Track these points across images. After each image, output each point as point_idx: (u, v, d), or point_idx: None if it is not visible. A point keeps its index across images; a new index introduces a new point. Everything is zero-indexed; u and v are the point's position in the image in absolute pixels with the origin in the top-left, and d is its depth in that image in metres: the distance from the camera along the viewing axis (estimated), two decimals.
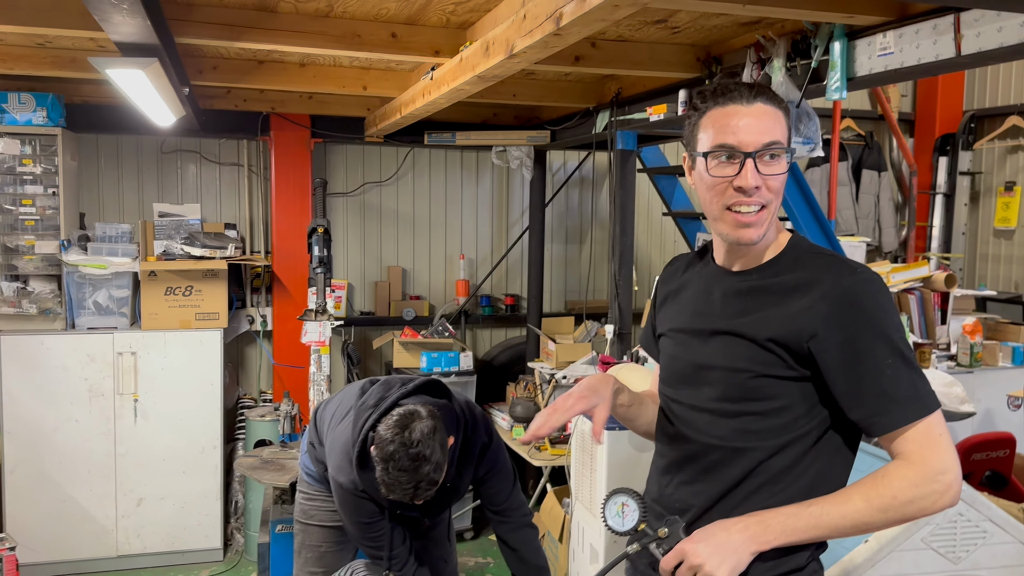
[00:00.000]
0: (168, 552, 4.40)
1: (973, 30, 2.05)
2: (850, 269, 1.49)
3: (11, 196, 4.14)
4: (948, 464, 1.42)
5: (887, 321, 1.45)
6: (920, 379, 1.46)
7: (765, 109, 1.49)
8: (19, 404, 4.15)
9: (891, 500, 1.42)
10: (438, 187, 5.40)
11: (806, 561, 1.52)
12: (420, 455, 2.12)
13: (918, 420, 1.42)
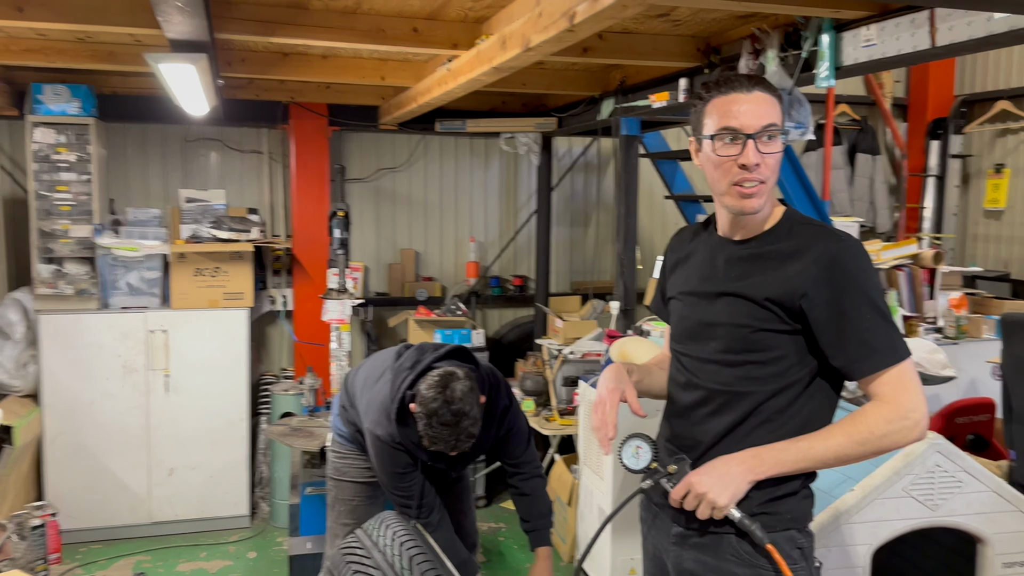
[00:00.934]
0: (198, 519, 4.65)
1: (946, 24, 2.27)
2: (836, 237, 1.72)
3: (47, 183, 4.36)
4: (917, 404, 1.65)
5: (867, 281, 1.68)
6: (895, 331, 1.68)
7: (763, 96, 1.72)
8: (57, 379, 4.39)
9: (868, 434, 1.66)
10: (449, 173, 5.63)
11: (798, 488, 1.77)
12: (460, 411, 2.37)
13: (892, 366, 1.65)
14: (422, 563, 2.58)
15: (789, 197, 4.36)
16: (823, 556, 2.58)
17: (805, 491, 1.79)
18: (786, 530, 1.74)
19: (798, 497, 1.76)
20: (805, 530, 1.79)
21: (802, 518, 1.77)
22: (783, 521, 1.73)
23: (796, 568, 1.73)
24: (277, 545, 4.48)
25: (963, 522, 2.72)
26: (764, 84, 1.73)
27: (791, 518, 1.74)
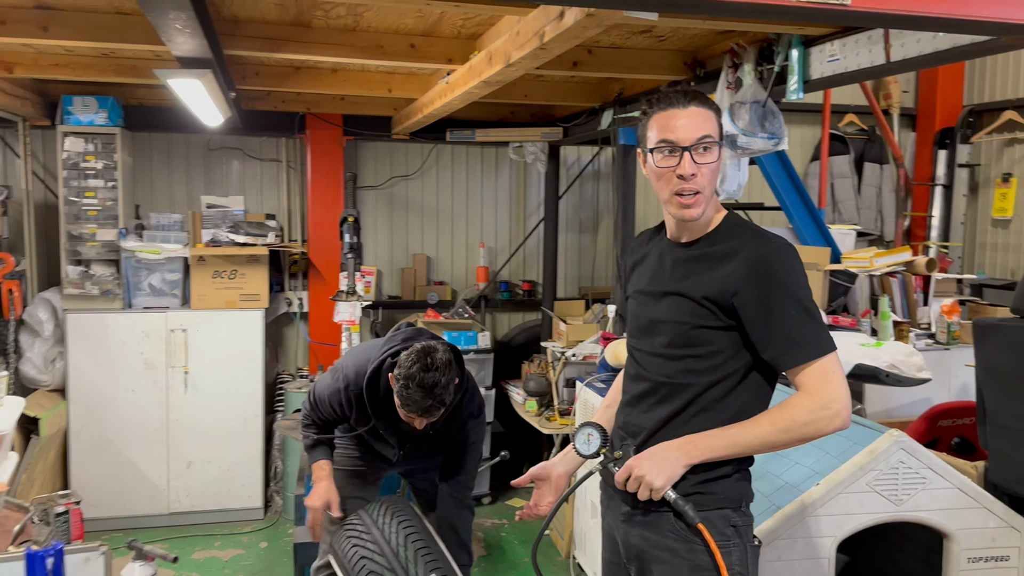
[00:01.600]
0: (214, 510, 4.87)
1: (899, 41, 2.40)
2: (767, 240, 1.87)
3: (76, 189, 4.62)
4: (838, 395, 1.79)
5: (793, 281, 1.81)
6: (819, 328, 1.81)
7: (698, 111, 1.87)
8: (83, 375, 4.64)
9: (791, 423, 1.79)
10: (460, 180, 5.81)
11: (731, 471, 1.91)
12: (435, 381, 2.54)
13: (815, 359, 1.79)
14: (416, 542, 2.76)
15: (785, 207, 4.48)
16: (789, 547, 2.70)
17: (739, 474, 1.93)
18: (720, 508, 1.88)
19: (731, 480, 1.90)
20: (740, 510, 1.92)
21: (736, 498, 1.91)
22: (716, 500, 1.88)
23: (729, 544, 1.87)
24: (288, 536, 4.68)
25: (928, 517, 2.82)
26: (700, 99, 1.88)
27: (724, 497, 1.88)
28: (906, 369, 3.23)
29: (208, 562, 4.35)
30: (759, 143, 3.02)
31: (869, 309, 4.25)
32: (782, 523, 2.69)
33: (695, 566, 1.86)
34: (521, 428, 5.07)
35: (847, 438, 2.91)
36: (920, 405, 3.94)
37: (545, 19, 2.30)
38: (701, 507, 1.85)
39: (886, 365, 3.23)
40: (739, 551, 1.90)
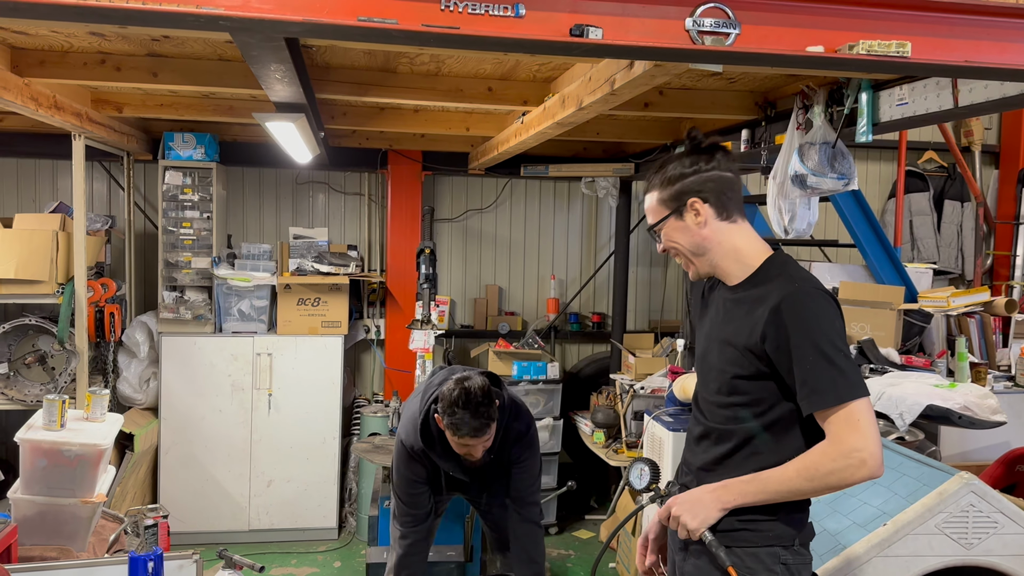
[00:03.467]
0: (291, 528, 5.07)
1: (967, 87, 2.43)
2: (791, 282, 1.87)
3: (174, 219, 4.94)
4: (863, 444, 1.76)
5: (814, 325, 1.80)
6: (840, 373, 1.78)
7: (648, 200, 2.03)
8: (174, 395, 4.92)
9: (815, 471, 1.79)
10: (532, 214, 5.96)
11: (779, 509, 1.91)
12: (478, 400, 2.70)
13: (834, 406, 1.77)
14: None
15: (860, 244, 4.47)
16: None
17: (790, 513, 1.93)
18: (769, 546, 1.91)
19: (780, 517, 1.91)
20: (793, 548, 1.94)
21: (788, 536, 1.92)
22: (766, 538, 1.91)
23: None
24: (361, 556, 4.83)
25: (1000, 563, 2.77)
26: (650, 184, 2.03)
27: (774, 536, 1.91)
28: (980, 412, 3.19)
29: None
30: (828, 183, 3.06)
31: (946, 350, 4.19)
32: (847, 563, 2.69)
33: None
34: (588, 459, 5.13)
35: (916, 479, 2.90)
36: (999, 449, 3.86)
37: (616, 67, 2.42)
38: (749, 543, 1.90)
39: (959, 407, 3.20)
40: None
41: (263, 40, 2.06)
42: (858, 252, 4.60)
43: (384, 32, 1.66)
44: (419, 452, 2.95)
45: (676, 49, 1.78)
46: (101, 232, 4.97)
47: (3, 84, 3.05)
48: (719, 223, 1.94)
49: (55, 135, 4.71)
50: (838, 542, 2.80)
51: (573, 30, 1.72)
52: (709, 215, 1.93)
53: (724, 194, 1.93)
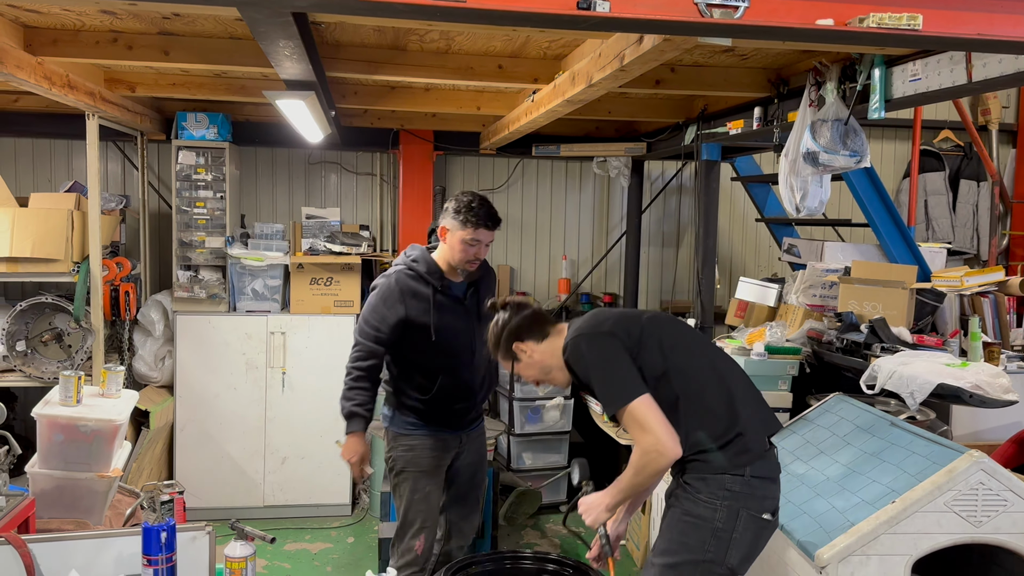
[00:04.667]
0: (305, 505, 5.13)
1: (981, 61, 2.40)
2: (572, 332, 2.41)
3: (188, 199, 4.97)
4: (653, 440, 2.19)
5: (587, 361, 2.32)
6: (608, 387, 2.27)
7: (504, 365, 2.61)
8: (189, 373, 4.97)
9: (636, 467, 2.25)
10: (544, 194, 5.95)
11: (712, 445, 2.30)
12: (487, 201, 3.15)
13: (617, 407, 2.23)
14: None
15: (874, 224, 4.44)
16: (862, 563, 2.71)
17: (723, 447, 2.29)
18: (717, 474, 2.27)
19: (712, 452, 2.29)
20: (743, 478, 2.28)
21: (728, 466, 2.28)
22: (711, 468, 2.29)
23: (716, 504, 2.27)
24: (374, 532, 4.88)
25: (1009, 541, 2.77)
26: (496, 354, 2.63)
27: (717, 465, 2.28)
28: (991, 391, 3.18)
29: (299, 554, 4.59)
30: (841, 160, 3.04)
31: (958, 330, 4.17)
32: (856, 539, 2.70)
33: (686, 511, 2.30)
34: (599, 438, 5.14)
35: (926, 458, 2.89)
36: (1010, 429, 3.84)
37: (625, 43, 2.41)
38: (698, 472, 2.29)
39: (970, 386, 3.19)
40: (728, 512, 2.25)
41: (270, 15, 2.07)
42: (871, 232, 4.58)
43: (390, 6, 1.66)
44: (407, 286, 3.15)
45: (684, 22, 1.77)
46: (116, 212, 5.01)
47: (17, 63, 3.07)
48: (540, 346, 2.47)
49: (69, 115, 4.74)
50: (847, 519, 2.81)
51: (580, 3, 1.72)
52: (532, 347, 2.47)
53: (531, 326, 2.48)
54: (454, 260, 3.18)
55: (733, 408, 2.32)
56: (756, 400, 2.44)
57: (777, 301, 4.68)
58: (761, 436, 2.37)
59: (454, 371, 3.19)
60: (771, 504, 2.36)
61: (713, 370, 2.39)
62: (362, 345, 3.16)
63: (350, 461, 3.24)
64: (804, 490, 3.15)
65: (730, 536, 2.26)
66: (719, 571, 2.29)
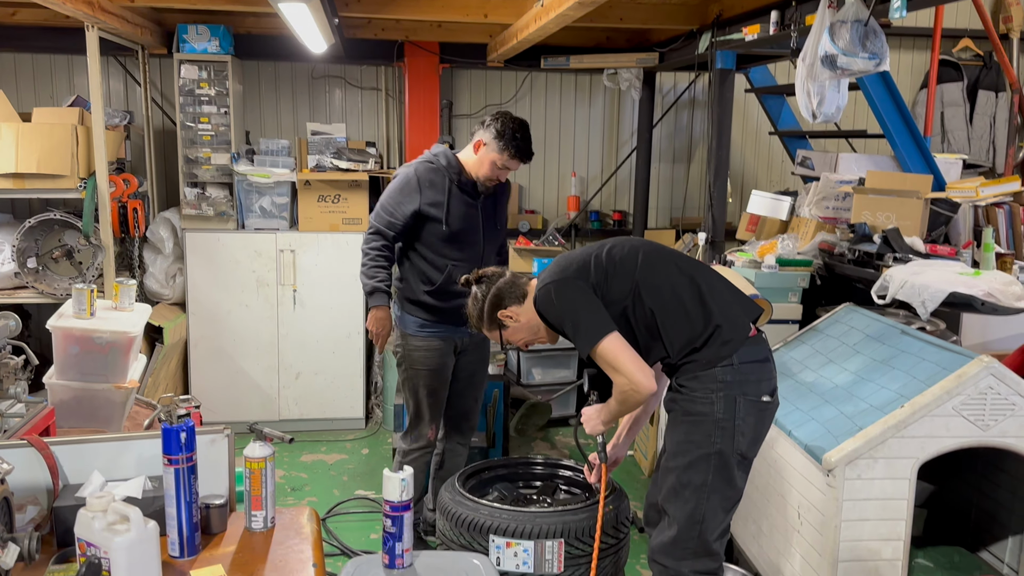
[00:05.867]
0: (320, 419, 5.22)
1: None
2: (540, 282, 2.47)
3: (191, 114, 4.90)
4: (626, 379, 2.29)
5: (556, 308, 2.39)
6: (577, 330, 2.35)
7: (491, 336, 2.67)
8: (200, 290, 5.00)
9: (619, 398, 2.37)
10: (553, 109, 5.85)
11: (699, 342, 2.35)
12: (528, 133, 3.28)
13: (588, 350, 2.32)
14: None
15: (889, 134, 4.35)
16: (869, 466, 2.75)
17: (708, 343, 2.34)
18: (708, 368, 2.33)
19: (697, 352, 2.35)
20: (732, 367, 2.33)
21: (717, 358, 2.33)
22: (702, 364, 2.34)
23: (712, 396, 2.33)
24: (387, 444, 4.98)
25: (1015, 444, 2.80)
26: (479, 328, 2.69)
27: (707, 360, 2.33)
28: (1003, 298, 3.17)
29: (315, 464, 4.70)
30: (859, 63, 2.96)
31: (972, 240, 4.13)
32: (863, 443, 2.74)
33: (685, 412, 2.37)
34: None
35: (936, 364, 2.91)
36: (1020, 339, 3.85)
37: None
38: (691, 372, 2.35)
39: (982, 293, 3.17)
40: (725, 403, 2.31)
41: None
42: (886, 144, 4.50)
43: None
44: (426, 177, 3.26)
45: None
46: (120, 128, 4.95)
47: None
48: (523, 307, 2.51)
49: (69, 29, 4.64)
50: (855, 424, 2.84)
51: None
52: (516, 311, 2.50)
53: (510, 290, 2.52)
54: (479, 173, 3.29)
55: (705, 304, 2.36)
56: (728, 290, 2.46)
57: (789, 215, 4.64)
58: (741, 323, 2.39)
59: (462, 267, 3.24)
60: (767, 386, 2.40)
61: (680, 274, 2.41)
62: (376, 229, 3.31)
63: (376, 332, 3.40)
64: (812, 397, 3.18)
65: (733, 424, 2.32)
66: (731, 459, 2.34)
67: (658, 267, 2.42)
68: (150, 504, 1.96)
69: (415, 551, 2.18)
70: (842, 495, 2.73)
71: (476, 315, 2.59)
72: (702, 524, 2.37)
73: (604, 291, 2.37)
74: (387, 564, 2.13)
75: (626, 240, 2.55)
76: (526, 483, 3.27)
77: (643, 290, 2.37)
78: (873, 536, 2.79)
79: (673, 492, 2.41)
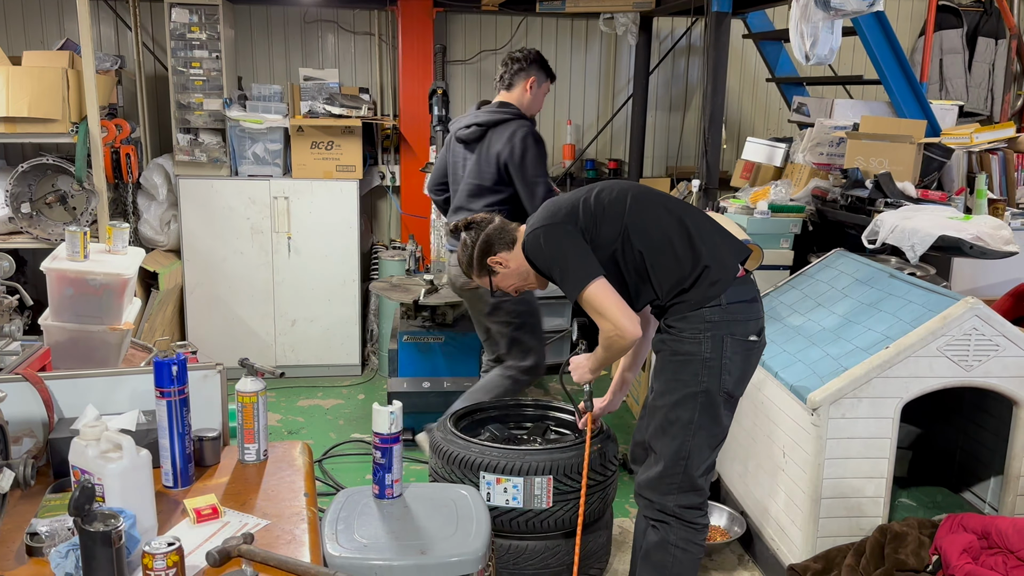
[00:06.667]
0: (317, 365, 5.27)
1: None
2: (529, 227, 2.48)
3: (183, 59, 4.86)
4: (611, 325, 2.30)
5: (544, 254, 2.39)
6: (565, 275, 2.35)
7: (479, 283, 2.69)
8: (195, 236, 5.00)
9: (603, 346, 2.40)
10: (548, 55, 5.71)
11: (686, 283, 2.37)
12: None
13: (577, 296, 2.32)
14: None
15: (885, 80, 4.33)
16: (853, 406, 2.80)
17: (695, 284, 2.36)
18: (695, 310, 2.35)
19: (686, 292, 2.37)
20: (720, 307, 2.35)
21: (705, 299, 2.35)
22: (690, 305, 2.36)
23: (700, 336, 2.35)
24: (383, 389, 5.04)
25: (998, 384, 2.85)
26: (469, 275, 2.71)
27: (695, 301, 2.36)
28: (992, 242, 3.18)
29: (312, 409, 4.76)
30: (853, 3, 2.94)
31: (964, 187, 4.14)
32: (848, 383, 2.78)
33: (674, 352, 2.39)
34: None
35: (922, 306, 2.93)
36: (1009, 285, 3.87)
37: None
38: (679, 312, 2.37)
39: (971, 237, 3.19)
40: (712, 342, 2.34)
41: None
42: (883, 91, 4.47)
43: None
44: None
45: None
46: (111, 72, 4.91)
47: None
48: (513, 253, 2.51)
49: None
50: (840, 365, 2.88)
51: None
52: (506, 257, 2.50)
53: (499, 237, 2.51)
54: (535, 111, 3.61)
55: (694, 245, 2.36)
56: (717, 231, 2.47)
57: (784, 161, 4.63)
58: (729, 263, 2.40)
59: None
60: (754, 326, 2.42)
61: (669, 215, 2.41)
62: (549, 186, 3.53)
63: None
64: (800, 340, 3.22)
65: (720, 364, 2.35)
66: (717, 398, 2.38)
67: (647, 210, 2.42)
68: (144, 436, 2.01)
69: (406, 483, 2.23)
70: (826, 434, 2.79)
71: (466, 262, 2.59)
72: (688, 460, 2.42)
73: (593, 235, 2.38)
74: (377, 494, 2.19)
75: (615, 183, 2.54)
76: (517, 424, 3.32)
77: (632, 233, 2.38)
78: (856, 474, 2.85)
79: (660, 429, 2.45)
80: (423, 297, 4.11)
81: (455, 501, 2.21)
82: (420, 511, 2.15)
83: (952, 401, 3.36)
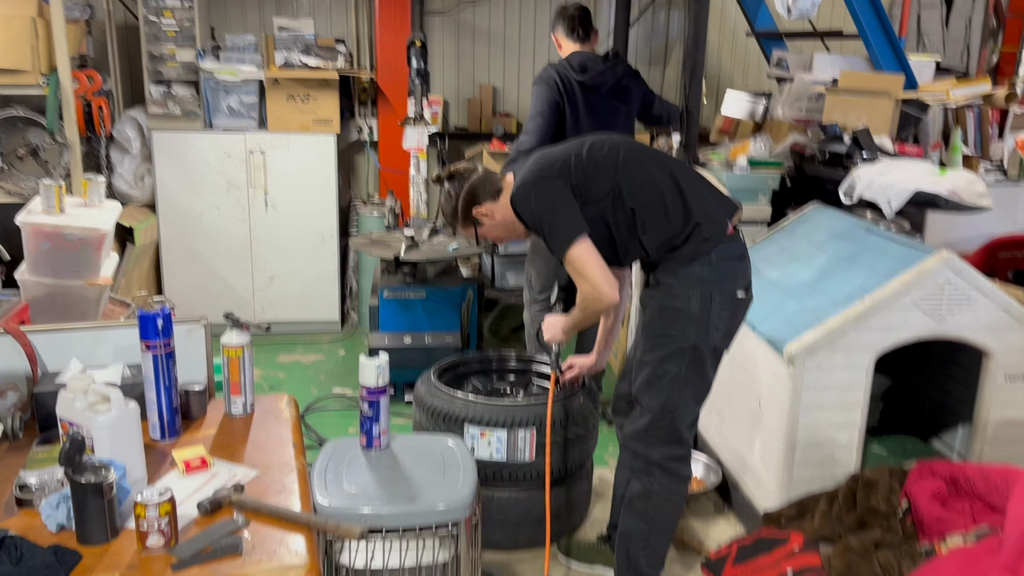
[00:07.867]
0: (296, 322, 5.26)
1: None
2: (519, 180, 2.43)
3: (155, 8, 4.74)
4: (590, 287, 2.30)
5: (533, 209, 2.36)
6: (552, 232, 2.32)
7: (463, 235, 2.70)
8: (170, 191, 4.94)
9: (580, 307, 2.41)
10: (528, 7, 5.72)
11: (679, 242, 2.38)
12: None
13: (563, 255, 2.31)
14: None
15: (864, 34, 4.33)
16: (828, 358, 2.86)
17: (685, 241, 2.37)
18: (685, 265, 2.36)
19: (677, 249, 2.38)
20: (711, 263, 2.37)
21: (693, 255, 2.37)
22: (680, 260, 2.37)
23: (690, 293, 2.36)
24: (363, 345, 5.05)
25: (970, 336, 2.92)
26: (451, 228, 2.72)
27: (686, 257, 2.37)
28: (966, 196, 3.24)
29: (292, 365, 4.77)
30: None
31: (940, 142, 4.18)
32: (824, 335, 2.84)
33: (662, 307, 2.41)
34: None
35: (898, 259, 2.99)
36: (982, 240, 3.94)
37: None
38: (669, 269, 2.39)
39: (946, 191, 3.24)
40: (701, 299, 2.36)
41: None
42: (862, 46, 4.47)
43: None
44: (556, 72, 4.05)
45: None
46: (81, 22, 4.77)
47: None
48: (498, 203, 2.47)
49: None
50: (816, 317, 2.93)
51: None
52: (491, 207, 2.46)
53: (484, 187, 2.46)
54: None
55: (685, 202, 2.36)
56: (708, 188, 2.48)
57: (763, 117, 4.64)
58: (720, 220, 2.41)
59: None
60: (743, 282, 2.44)
61: (660, 172, 2.40)
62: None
63: None
64: (776, 293, 3.27)
65: (708, 319, 2.36)
66: (704, 353, 2.40)
67: (639, 166, 2.40)
68: (130, 390, 2.01)
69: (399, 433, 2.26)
70: (801, 384, 2.85)
71: (450, 212, 2.54)
72: (674, 413, 2.45)
73: (584, 191, 2.35)
74: (365, 445, 2.21)
75: (606, 138, 2.51)
76: (500, 377, 3.36)
77: (624, 189, 2.36)
78: (830, 423, 2.93)
79: (647, 383, 2.47)
80: (404, 253, 4.10)
81: (441, 451, 2.24)
82: (407, 461, 2.18)
83: (922, 352, 3.44)
